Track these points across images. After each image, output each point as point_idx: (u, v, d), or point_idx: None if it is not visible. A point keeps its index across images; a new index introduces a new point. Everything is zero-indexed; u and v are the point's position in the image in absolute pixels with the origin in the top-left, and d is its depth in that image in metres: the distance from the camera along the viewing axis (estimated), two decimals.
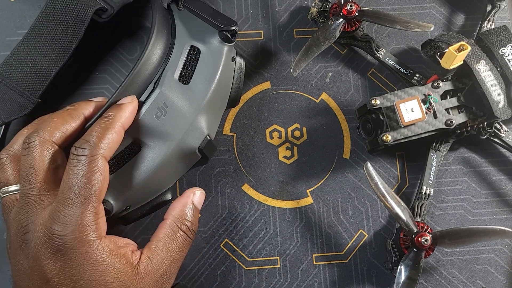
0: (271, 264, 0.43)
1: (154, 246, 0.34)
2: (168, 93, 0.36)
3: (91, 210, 0.30)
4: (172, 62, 0.37)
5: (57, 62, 0.41)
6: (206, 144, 0.38)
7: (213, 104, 0.38)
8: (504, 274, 0.44)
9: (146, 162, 0.35)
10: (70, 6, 0.41)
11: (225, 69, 0.38)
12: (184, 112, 0.36)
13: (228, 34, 0.38)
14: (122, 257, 0.32)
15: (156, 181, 0.37)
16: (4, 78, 0.40)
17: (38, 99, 0.41)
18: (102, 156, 0.31)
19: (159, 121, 0.35)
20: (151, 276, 0.33)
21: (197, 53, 0.38)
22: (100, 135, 0.32)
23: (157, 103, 0.35)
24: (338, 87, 0.47)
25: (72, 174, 0.30)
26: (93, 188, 0.30)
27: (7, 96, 0.40)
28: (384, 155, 0.46)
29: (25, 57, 0.41)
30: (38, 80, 0.41)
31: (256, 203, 0.44)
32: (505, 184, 0.46)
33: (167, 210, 0.37)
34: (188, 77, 0.37)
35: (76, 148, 0.31)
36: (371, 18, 0.44)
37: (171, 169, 0.37)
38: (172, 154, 0.36)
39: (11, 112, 0.40)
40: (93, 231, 0.31)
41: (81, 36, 0.41)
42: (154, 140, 0.35)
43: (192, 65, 0.38)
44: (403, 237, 0.41)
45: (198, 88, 0.37)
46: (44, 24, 0.41)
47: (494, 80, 0.42)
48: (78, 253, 0.30)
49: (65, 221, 0.30)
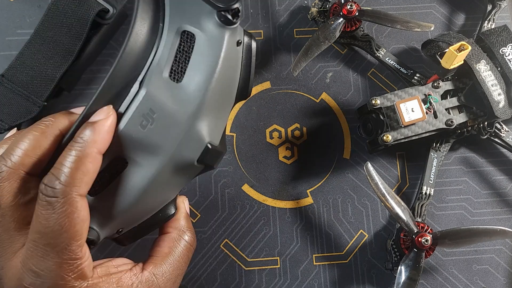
0: (271, 265, 0.43)
1: (159, 262, 0.31)
2: (155, 96, 0.28)
3: (71, 260, 0.26)
4: (161, 54, 0.29)
5: (62, 65, 0.41)
6: (208, 153, 0.31)
7: (215, 104, 0.31)
8: (505, 274, 0.44)
9: (134, 180, 0.29)
10: (73, 8, 0.41)
11: (229, 57, 0.31)
12: (177, 119, 0.29)
13: (228, 14, 0.29)
14: (117, 286, 0.29)
15: (150, 199, 0.31)
16: (10, 83, 0.40)
17: (44, 102, 0.41)
18: (78, 195, 0.26)
19: (146, 132, 0.28)
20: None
21: (191, 40, 0.30)
22: (72, 169, 0.26)
23: (142, 109, 0.28)
24: (338, 87, 0.47)
25: (43, 219, 0.25)
26: (70, 235, 0.25)
27: (13, 100, 0.40)
28: (384, 155, 0.46)
29: (30, 61, 0.41)
30: (43, 84, 0.41)
31: (256, 203, 0.44)
32: (505, 184, 0.46)
33: (166, 223, 0.34)
34: (181, 73, 0.30)
35: (45, 187, 0.25)
36: (371, 18, 0.44)
37: (167, 185, 0.31)
38: (165, 170, 0.29)
39: (18, 116, 0.40)
40: (77, 279, 0.26)
41: (84, 38, 0.41)
42: (142, 155, 0.29)
43: (185, 56, 0.30)
44: (403, 237, 0.41)
45: (194, 86, 0.29)
46: (47, 27, 0.41)
47: (494, 80, 0.41)
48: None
49: (40, 275, 0.25)
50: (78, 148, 0.26)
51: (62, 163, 0.26)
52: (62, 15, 0.41)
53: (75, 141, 0.27)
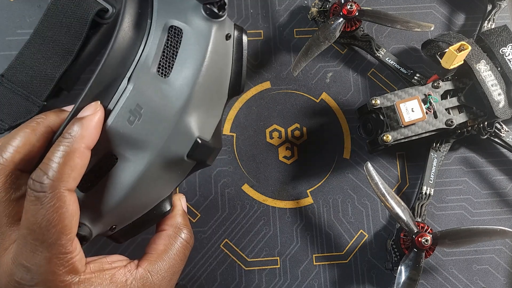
0: (271, 265, 0.43)
1: (154, 259, 0.31)
2: (142, 91, 0.28)
3: (61, 254, 0.26)
4: (149, 50, 0.29)
5: (61, 65, 0.41)
6: (198, 148, 0.31)
7: (204, 98, 0.31)
8: (505, 274, 0.44)
9: (125, 175, 0.29)
10: (72, 8, 0.41)
11: (217, 51, 0.31)
12: (164, 113, 0.29)
13: (214, 8, 0.29)
14: (110, 282, 0.28)
15: (143, 194, 0.31)
16: (10, 83, 0.40)
17: (43, 102, 0.41)
18: (66, 189, 0.26)
19: (134, 128, 0.28)
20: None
21: (178, 35, 0.30)
22: (60, 164, 0.26)
23: (129, 105, 0.28)
24: (338, 87, 0.47)
25: (31, 214, 0.25)
26: (59, 229, 0.25)
27: (13, 100, 0.40)
28: (384, 155, 0.46)
29: (30, 60, 0.41)
30: (43, 83, 0.41)
31: (256, 203, 0.44)
32: (505, 184, 0.46)
33: (161, 220, 0.34)
34: (168, 68, 0.30)
35: (33, 182, 0.25)
36: (371, 17, 0.44)
37: (158, 180, 0.31)
38: (154, 165, 0.30)
39: (17, 116, 0.40)
40: (68, 274, 0.26)
41: (84, 38, 0.41)
42: (131, 151, 0.29)
43: (172, 51, 0.30)
44: (403, 237, 0.41)
45: (181, 80, 0.30)
46: (46, 27, 0.41)
47: (494, 80, 0.41)
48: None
49: (31, 270, 0.25)
50: (66, 144, 0.27)
51: (50, 159, 0.26)
52: (61, 15, 0.41)
53: (63, 136, 0.27)
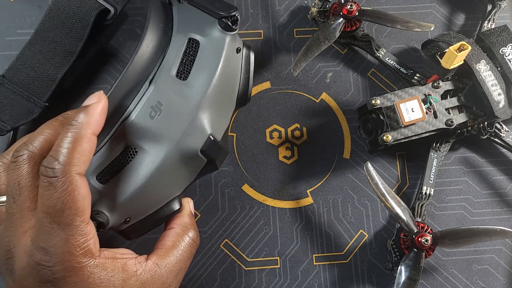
0: (271, 265, 0.43)
1: (163, 254, 0.33)
2: (162, 90, 0.33)
3: (77, 235, 0.27)
4: (169, 58, 0.34)
5: (63, 66, 0.41)
6: (210, 144, 0.34)
7: (216, 100, 0.35)
8: (505, 274, 0.44)
9: (142, 167, 0.32)
10: (74, 9, 0.41)
11: (229, 61, 0.35)
12: (182, 110, 0.33)
13: (228, 21, 0.35)
14: (122, 270, 0.30)
15: (157, 188, 0.34)
16: (11, 83, 0.40)
17: (45, 103, 0.41)
18: (76, 173, 0.27)
19: (154, 122, 0.32)
20: (158, 285, 0.31)
21: (196, 45, 0.35)
22: (69, 149, 0.28)
23: (151, 102, 0.32)
24: (338, 87, 0.47)
25: (46, 199, 0.27)
26: (73, 211, 0.27)
27: (15, 101, 0.40)
28: (384, 155, 0.46)
29: (31, 61, 0.41)
30: (44, 84, 0.41)
31: (256, 203, 0.44)
32: (505, 184, 0.46)
33: (170, 218, 0.36)
34: (186, 72, 0.34)
35: (45, 168, 0.27)
36: (371, 17, 0.44)
37: (172, 174, 0.34)
38: (171, 157, 0.33)
39: (19, 117, 0.40)
40: (84, 256, 0.28)
41: (85, 38, 0.41)
42: (150, 143, 0.32)
43: (190, 59, 0.35)
44: (403, 237, 0.41)
45: (198, 83, 0.34)
46: (48, 27, 0.41)
47: (494, 80, 0.41)
48: (71, 282, 0.27)
49: (49, 251, 0.27)
50: (73, 130, 0.28)
51: (59, 145, 0.28)
52: (63, 16, 0.41)
53: (70, 124, 0.29)
